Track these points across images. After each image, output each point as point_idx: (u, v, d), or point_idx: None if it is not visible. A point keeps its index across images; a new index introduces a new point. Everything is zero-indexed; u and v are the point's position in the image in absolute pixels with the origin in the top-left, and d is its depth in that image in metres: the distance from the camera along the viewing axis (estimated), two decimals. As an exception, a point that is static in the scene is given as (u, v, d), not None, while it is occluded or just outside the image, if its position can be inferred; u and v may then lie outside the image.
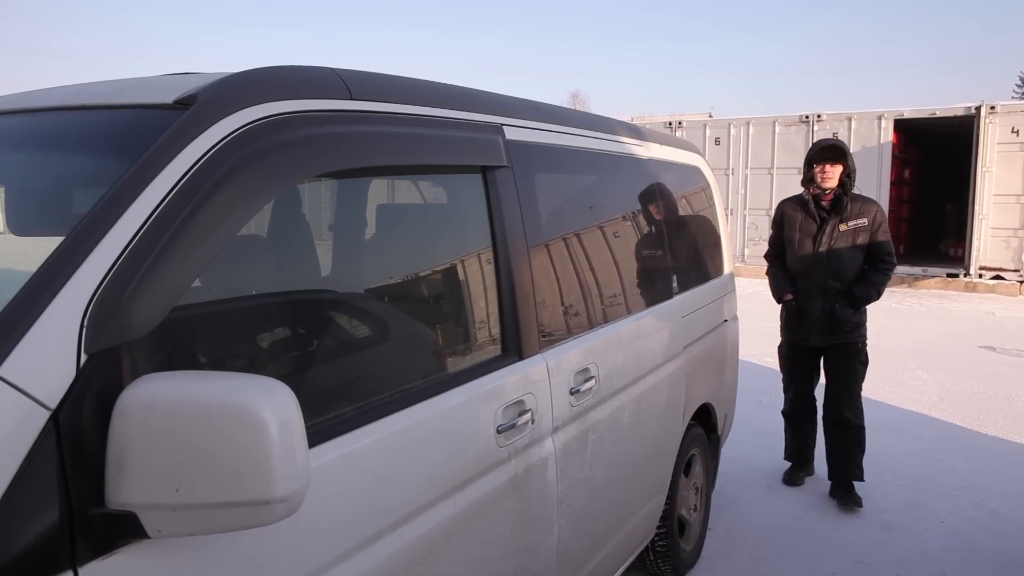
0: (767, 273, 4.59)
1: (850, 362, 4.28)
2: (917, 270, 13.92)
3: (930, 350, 8.47)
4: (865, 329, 4.34)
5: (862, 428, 4.29)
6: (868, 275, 4.22)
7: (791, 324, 4.41)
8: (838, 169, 4.15)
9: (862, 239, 4.19)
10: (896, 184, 14.36)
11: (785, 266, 4.44)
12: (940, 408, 6.20)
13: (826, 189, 4.18)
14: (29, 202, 1.72)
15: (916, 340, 8.96)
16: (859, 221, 4.18)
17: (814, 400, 4.56)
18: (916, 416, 5.98)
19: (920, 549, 3.75)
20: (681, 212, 3.53)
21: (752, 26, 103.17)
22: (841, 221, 4.18)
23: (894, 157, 13.84)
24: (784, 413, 4.62)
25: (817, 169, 4.18)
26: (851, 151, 4.24)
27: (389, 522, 1.55)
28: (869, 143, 13.71)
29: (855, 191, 4.29)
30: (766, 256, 4.64)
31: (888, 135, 13.65)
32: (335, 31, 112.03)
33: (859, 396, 4.31)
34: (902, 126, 13.87)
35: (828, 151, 4.16)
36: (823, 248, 4.21)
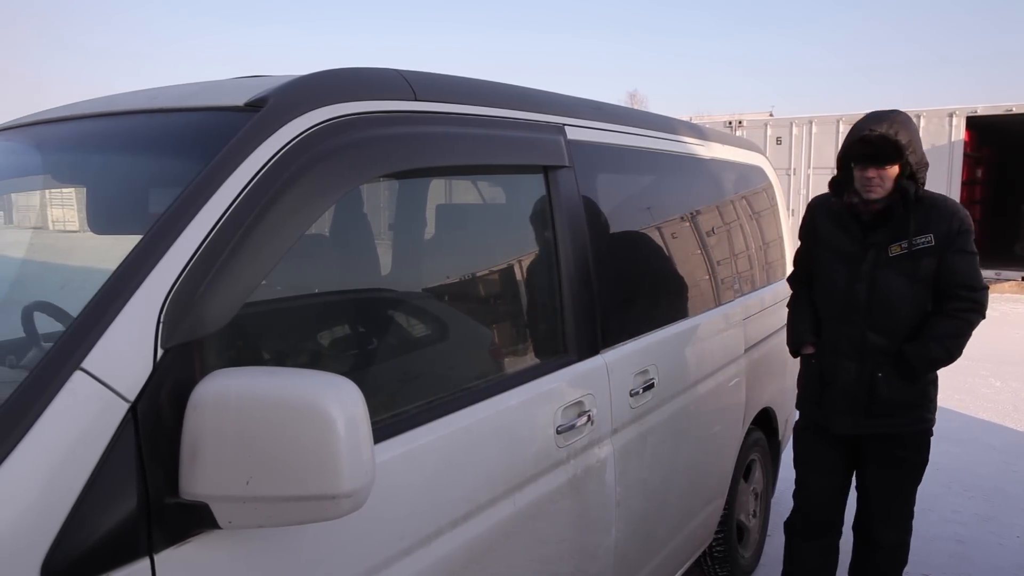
0: (788, 306, 2.98)
1: (901, 462, 2.68)
2: (990, 274, 13.36)
3: (1004, 357, 8.14)
4: (930, 410, 2.66)
5: (905, 545, 2.80)
6: (932, 323, 2.55)
7: (809, 394, 2.82)
8: (890, 173, 2.48)
9: (926, 267, 2.53)
10: (968, 184, 13.83)
11: (812, 301, 2.85)
12: (1014, 417, 5.95)
13: (870, 201, 2.55)
14: (108, 202, 1.79)
15: (989, 346, 8.61)
16: (922, 239, 2.51)
17: (839, 515, 2.87)
18: (988, 425, 5.75)
19: (993, 563, 3.60)
20: (743, 213, 3.47)
21: (812, 24, 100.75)
22: (893, 240, 2.56)
23: (966, 156, 13.33)
24: (787, 526, 2.94)
25: (857, 174, 2.53)
26: (915, 139, 2.52)
27: (449, 519, 1.56)
28: (939, 141, 13.23)
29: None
30: (790, 281, 3.02)
31: (960, 133, 13.16)
32: (392, 30, 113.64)
33: (910, 505, 2.76)
34: (975, 123, 13.36)
35: (874, 146, 2.46)
36: (863, 282, 2.60)
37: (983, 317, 2.55)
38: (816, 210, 2.82)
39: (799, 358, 2.88)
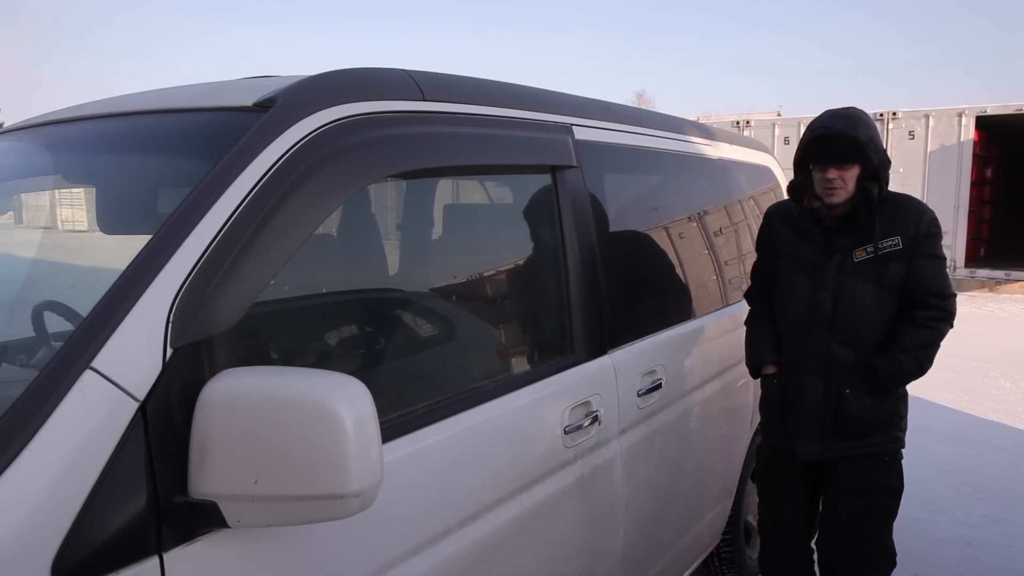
0: (745, 324, 2.75)
1: (872, 490, 2.44)
2: (1000, 274, 13.29)
3: (1014, 358, 8.09)
4: (901, 428, 2.47)
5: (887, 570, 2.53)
6: (901, 333, 2.38)
7: (772, 417, 2.59)
8: (852, 173, 2.31)
9: (893, 272, 2.35)
10: (977, 184, 13.76)
11: (771, 317, 2.62)
12: (1025, 419, 5.93)
13: (833, 205, 2.36)
14: (118, 202, 1.80)
15: (998, 347, 8.57)
16: (888, 242, 2.34)
17: (807, 547, 2.68)
18: (998, 426, 5.72)
19: (1002, 566, 3.58)
20: (751, 213, 3.46)
21: (819, 24, 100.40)
22: (858, 245, 2.39)
23: (975, 156, 13.26)
24: (762, 565, 2.78)
25: (817, 176, 2.35)
26: (876, 136, 2.36)
27: (457, 519, 1.56)
28: (948, 141, 13.17)
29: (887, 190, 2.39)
30: (747, 296, 2.79)
31: (969, 132, 13.09)
32: (393, 29, 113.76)
33: (888, 545, 2.50)
34: (984, 123, 13.28)
35: (833, 144, 2.30)
36: (827, 291, 2.40)
37: (951, 326, 2.41)
38: (774, 218, 2.61)
39: (759, 379, 2.66)
